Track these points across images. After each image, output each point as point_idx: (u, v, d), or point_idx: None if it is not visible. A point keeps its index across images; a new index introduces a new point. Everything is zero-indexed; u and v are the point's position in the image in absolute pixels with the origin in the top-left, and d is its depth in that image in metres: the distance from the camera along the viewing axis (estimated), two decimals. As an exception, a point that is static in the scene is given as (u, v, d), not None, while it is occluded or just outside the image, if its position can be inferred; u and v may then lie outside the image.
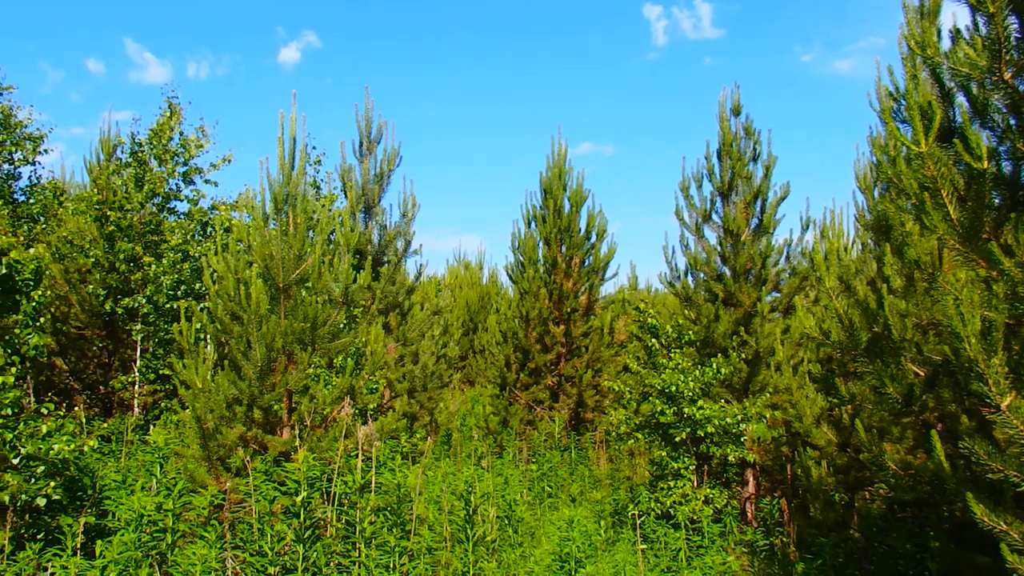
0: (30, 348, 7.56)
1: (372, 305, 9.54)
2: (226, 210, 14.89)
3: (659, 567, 8.25)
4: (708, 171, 11.56)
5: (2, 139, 14.98)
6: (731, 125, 11.39)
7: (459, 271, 30.71)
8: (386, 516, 7.34)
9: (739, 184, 11.28)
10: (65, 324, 14.31)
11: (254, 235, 8.46)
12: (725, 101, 11.46)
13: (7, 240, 7.30)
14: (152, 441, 8.19)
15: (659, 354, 10.81)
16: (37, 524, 6.99)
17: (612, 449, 14.21)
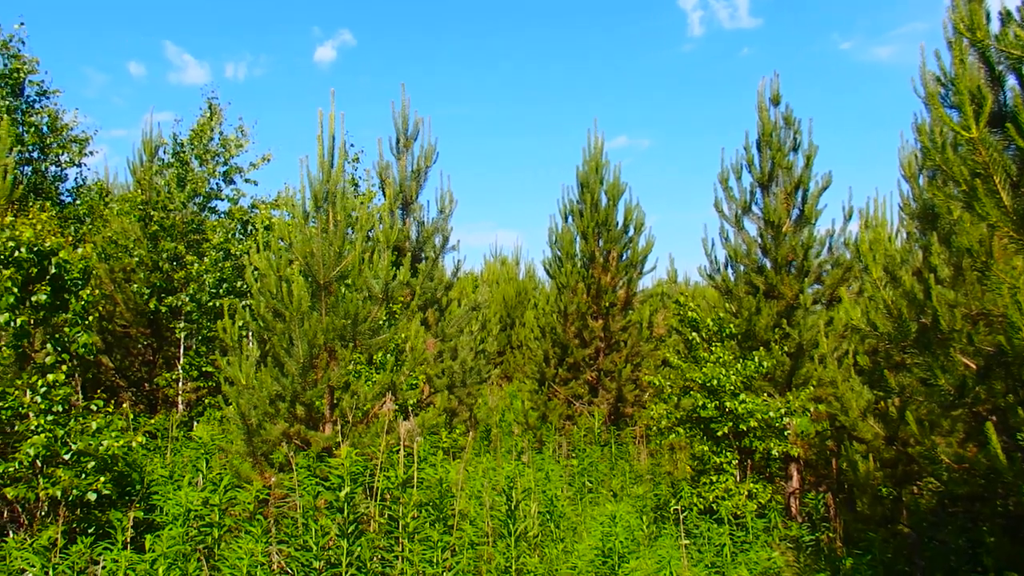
0: (79, 346, 7.70)
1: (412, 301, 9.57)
2: (266, 209, 15.03)
3: (703, 563, 8.17)
4: (747, 162, 11.43)
5: (49, 142, 15.27)
6: (770, 115, 11.24)
7: (496, 267, 30.71)
8: (428, 511, 7.35)
9: (779, 175, 11.13)
10: (111, 323, 14.55)
11: (295, 232, 8.52)
12: (764, 91, 11.31)
13: (56, 241, 7.43)
14: (197, 437, 8.29)
15: (700, 348, 10.72)
16: (88, 518, 7.12)
17: (652, 444, 14.12)
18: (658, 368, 15.18)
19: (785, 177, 11.10)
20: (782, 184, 11.13)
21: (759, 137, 11.33)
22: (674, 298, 12.13)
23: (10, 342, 7.50)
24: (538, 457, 11.84)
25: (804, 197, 11.10)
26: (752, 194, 11.40)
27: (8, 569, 6.18)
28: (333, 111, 8.62)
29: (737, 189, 11.47)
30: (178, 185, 15.24)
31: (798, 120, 11.22)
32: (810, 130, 11.19)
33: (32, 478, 7.11)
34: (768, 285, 11.04)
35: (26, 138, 14.89)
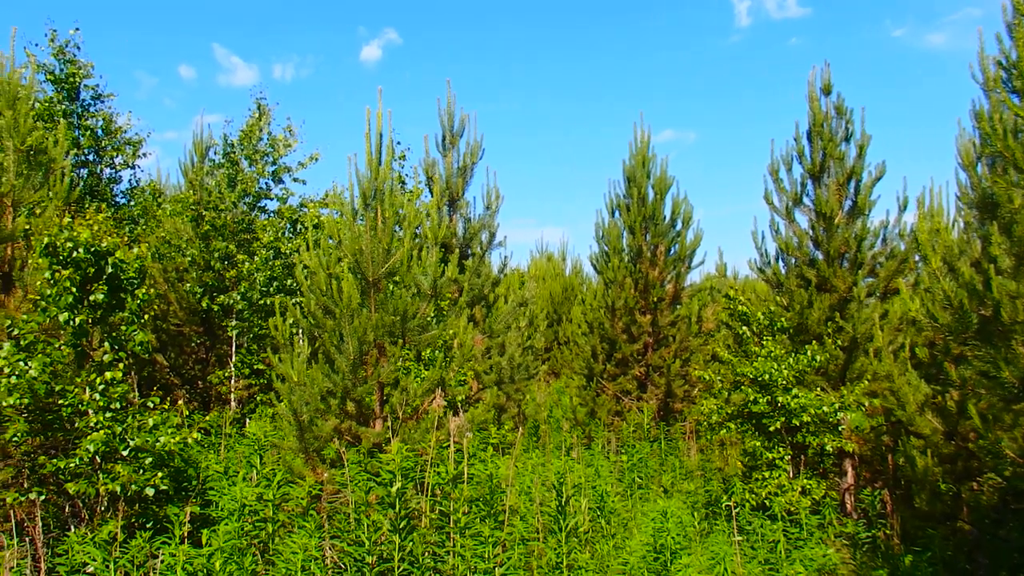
0: (135, 344, 7.85)
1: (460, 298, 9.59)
2: (314, 207, 15.20)
3: (756, 559, 8.06)
4: (798, 153, 11.24)
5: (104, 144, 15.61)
6: (821, 105, 11.03)
7: (542, 263, 30.68)
8: (479, 507, 7.36)
9: (831, 165, 10.92)
10: (165, 322, 14.83)
11: (344, 230, 8.59)
12: (815, 80, 11.10)
13: (112, 241, 7.58)
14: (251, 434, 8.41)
15: (750, 342, 10.58)
16: (146, 513, 7.26)
17: (703, 440, 13.98)
18: (707, 363, 15.01)
19: (837, 168, 10.89)
20: (834, 175, 10.92)
21: (810, 127, 11.13)
22: (723, 292, 11.99)
23: (69, 340, 7.68)
24: (587, 453, 11.80)
25: (857, 188, 10.88)
26: (803, 185, 11.21)
27: (70, 563, 6.33)
28: (380, 108, 8.67)
29: (787, 180, 11.29)
30: (229, 185, 15.48)
31: (850, 109, 11.01)
32: (862, 119, 10.97)
33: (92, 474, 7.27)
34: (820, 278, 10.85)
35: (82, 141, 15.24)
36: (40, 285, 7.73)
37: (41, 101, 14.56)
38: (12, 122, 9.12)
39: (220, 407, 14.65)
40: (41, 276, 7.83)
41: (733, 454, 13.39)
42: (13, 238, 8.98)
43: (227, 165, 15.70)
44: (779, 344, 10.35)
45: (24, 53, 14.67)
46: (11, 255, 9.05)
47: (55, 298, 7.49)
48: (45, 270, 7.58)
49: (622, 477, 11.40)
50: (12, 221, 9.04)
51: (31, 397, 7.24)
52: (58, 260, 7.48)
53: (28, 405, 7.26)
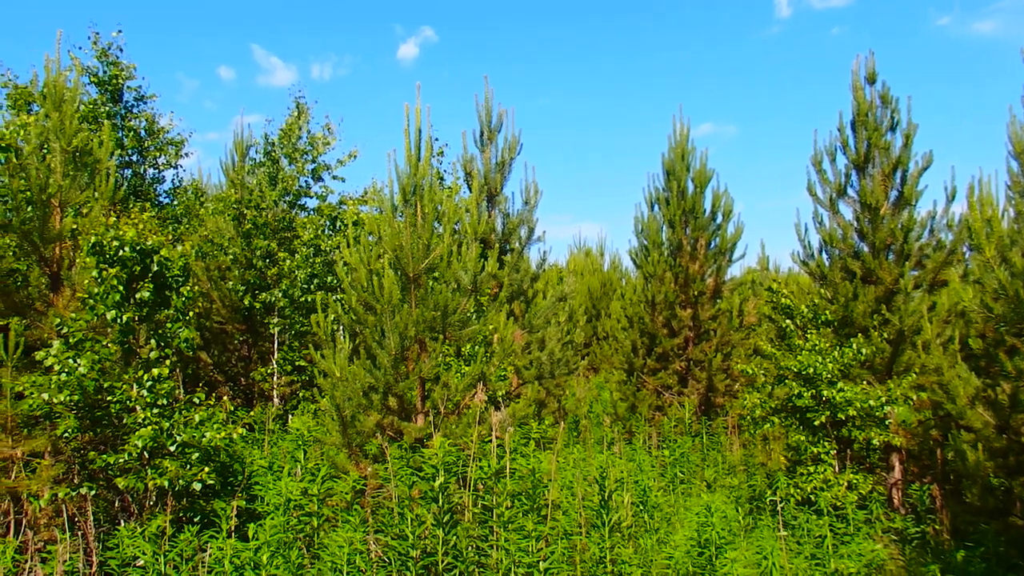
0: (180, 341, 7.95)
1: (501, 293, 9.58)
2: (354, 205, 15.30)
3: (802, 555, 7.94)
4: (842, 143, 11.05)
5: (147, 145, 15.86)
6: (866, 94, 10.83)
7: (580, 258, 30.58)
8: (521, 501, 7.35)
9: (876, 155, 10.72)
10: (208, 319, 15.04)
11: (384, 226, 8.62)
12: (859, 69, 10.90)
13: (157, 239, 7.69)
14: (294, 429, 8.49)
15: (794, 335, 10.43)
16: (193, 508, 7.36)
17: (745, 434, 13.83)
18: (749, 357, 14.84)
19: (882, 158, 10.68)
20: (879, 165, 10.71)
21: (854, 117, 10.93)
22: (765, 285, 11.84)
23: (116, 338, 7.80)
24: (628, 448, 11.73)
25: (903, 178, 10.66)
26: (847, 176, 11.02)
27: (121, 556, 6.44)
28: (419, 104, 8.69)
29: (831, 172, 11.11)
30: (269, 184, 15.64)
31: (895, 98, 10.79)
32: (908, 108, 10.74)
33: (141, 469, 7.39)
34: (865, 270, 10.66)
35: (125, 142, 15.50)
36: (88, 284, 7.87)
37: (85, 103, 14.83)
38: (58, 124, 9.29)
39: (263, 403, 14.82)
40: (88, 275, 7.98)
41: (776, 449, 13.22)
42: (61, 238, 9.14)
43: (267, 164, 15.86)
44: (823, 337, 10.19)
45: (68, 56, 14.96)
46: (59, 255, 9.22)
47: (102, 296, 7.62)
48: (92, 269, 7.71)
49: (664, 472, 11.32)
50: (60, 221, 9.20)
51: (81, 394, 7.37)
52: (105, 259, 7.60)
53: (78, 402, 7.40)
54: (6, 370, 8.08)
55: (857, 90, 10.88)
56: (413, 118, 8.71)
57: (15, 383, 7.77)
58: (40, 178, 8.94)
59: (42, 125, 9.18)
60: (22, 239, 8.94)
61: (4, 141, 8.56)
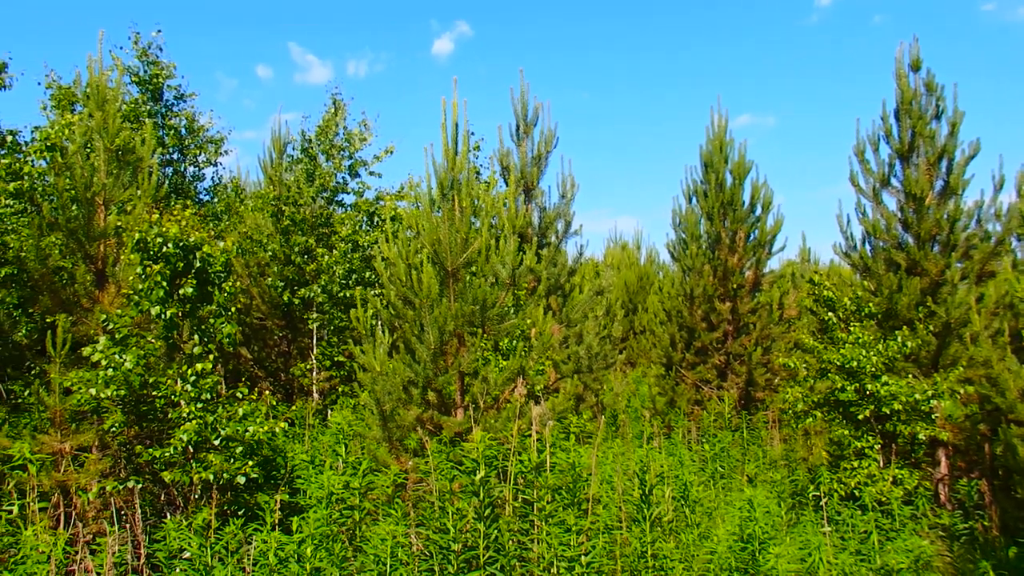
0: (223, 336, 8.04)
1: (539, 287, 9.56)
2: (391, 200, 15.36)
3: (847, 550, 7.83)
4: (885, 132, 10.85)
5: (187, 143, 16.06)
6: (910, 81, 10.62)
7: (616, 252, 30.44)
8: (561, 495, 7.33)
9: (921, 144, 10.51)
10: (248, 315, 15.20)
11: (422, 221, 8.64)
12: (902, 57, 10.69)
13: (200, 236, 7.78)
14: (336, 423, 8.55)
15: (836, 328, 10.28)
16: (237, 501, 7.45)
17: (786, 429, 13.67)
18: (790, 351, 14.66)
19: (927, 147, 10.47)
20: (924, 154, 10.51)
21: (898, 105, 10.73)
22: (807, 278, 11.68)
23: (161, 333, 7.91)
24: (667, 442, 11.65)
25: (949, 167, 10.44)
26: (891, 166, 10.83)
27: (168, 548, 6.53)
28: (455, 98, 8.68)
29: (874, 161, 10.92)
30: (307, 180, 15.75)
31: (940, 86, 10.56)
32: (955, 95, 10.51)
33: (186, 463, 7.49)
34: (910, 261, 10.47)
35: (166, 140, 15.70)
36: (132, 280, 7.99)
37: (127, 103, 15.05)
38: (102, 123, 9.43)
39: (302, 398, 14.96)
40: (133, 271, 8.10)
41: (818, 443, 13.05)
42: (106, 235, 9.29)
43: (305, 160, 15.98)
44: (867, 330, 10.03)
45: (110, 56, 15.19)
46: (104, 252, 9.37)
47: (147, 292, 7.73)
48: (137, 266, 7.82)
49: (704, 467, 11.23)
50: (104, 219, 9.35)
51: (127, 389, 7.49)
52: (149, 255, 7.70)
53: (124, 396, 7.52)
54: (54, 366, 8.23)
55: (901, 78, 10.67)
56: (450, 112, 8.70)
57: (63, 378, 7.92)
58: (85, 177, 9.08)
59: (86, 124, 9.32)
60: (68, 237, 9.10)
61: (50, 141, 8.72)
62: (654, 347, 16.95)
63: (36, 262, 8.94)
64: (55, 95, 14.33)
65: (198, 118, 16.53)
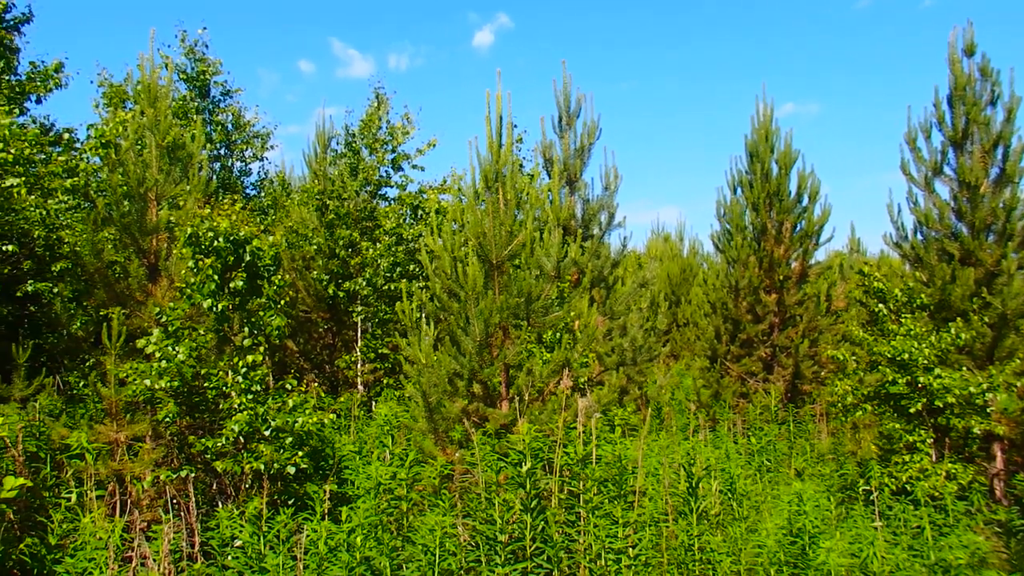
0: (272, 329, 8.15)
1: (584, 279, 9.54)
2: (433, 193, 15.43)
3: (900, 546, 7.70)
4: (937, 119, 10.62)
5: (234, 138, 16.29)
6: (964, 67, 10.38)
7: (659, 244, 30.24)
8: (607, 488, 7.32)
9: (975, 131, 10.27)
10: (294, 308, 15.38)
11: (467, 213, 8.66)
12: (955, 41, 10.45)
13: (250, 230, 7.89)
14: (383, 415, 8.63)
15: (887, 320, 10.10)
16: (287, 491, 7.55)
17: (834, 422, 13.47)
18: (838, 343, 14.44)
19: (982, 134, 10.22)
20: (978, 141, 10.26)
21: (951, 92, 10.49)
22: (856, 269, 11.50)
23: (212, 326, 8.05)
24: (712, 435, 11.56)
25: (1005, 154, 10.18)
26: (943, 154, 10.60)
27: (220, 536, 6.65)
28: (499, 91, 8.68)
29: (926, 149, 10.70)
30: (351, 174, 15.89)
31: (996, 71, 10.31)
32: (1011, 80, 10.27)
33: (237, 453, 7.62)
34: (964, 251, 10.25)
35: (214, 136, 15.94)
36: (184, 274, 8.13)
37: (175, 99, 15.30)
38: (153, 120, 9.61)
39: (347, 390, 15.11)
40: (185, 265, 8.24)
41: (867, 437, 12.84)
42: (158, 230, 9.47)
43: (348, 154, 16.11)
44: (919, 322, 9.85)
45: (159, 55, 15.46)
46: (156, 246, 9.55)
47: (199, 286, 7.86)
48: (189, 259, 7.96)
49: (750, 460, 11.13)
50: (156, 214, 9.53)
51: (180, 380, 7.64)
52: (201, 249, 7.84)
53: (177, 388, 7.67)
54: (109, 358, 8.42)
55: (954, 63, 10.43)
56: (494, 105, 8.71)
57: (118, 370, 8.10)
58: (137, 173, 9.26)
59: (138, 121, 9.50)
60: (122, 232, 9.29)
61: (104, 138, 8.89)
62: (698, 339, 16.81)
63: (91, 256, 9.14)
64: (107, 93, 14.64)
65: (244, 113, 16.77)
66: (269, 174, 17.77)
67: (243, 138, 16.43)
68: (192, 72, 15.69)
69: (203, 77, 15.75)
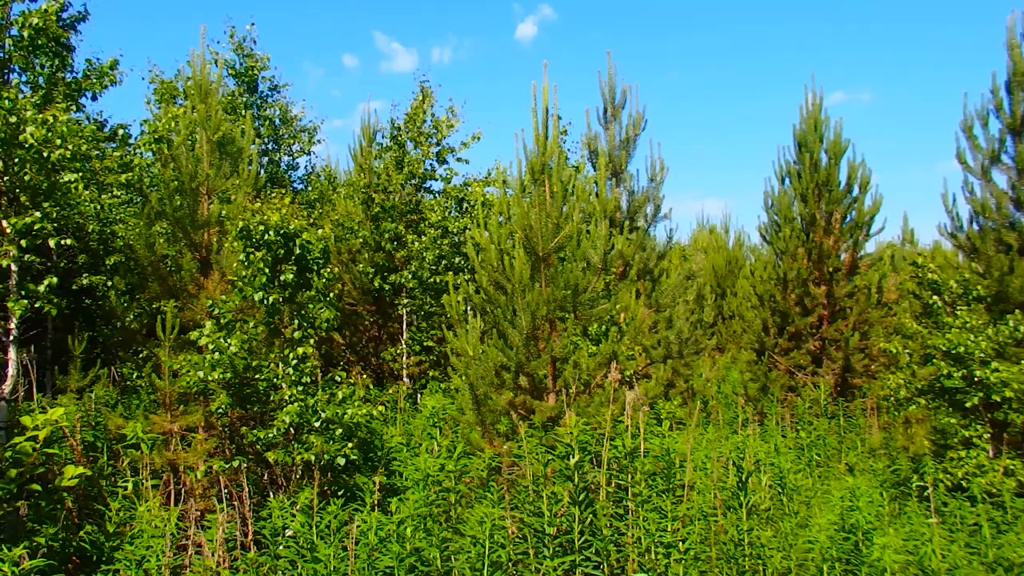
0: (322, 321, 8.24)
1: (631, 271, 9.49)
2: (478, 186, 15.45)
3: (956, 542, 7.54)
4: (995, 106, 10.35)
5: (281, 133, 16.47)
6: (1023, 52, 10.08)
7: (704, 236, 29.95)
8: (656, 481, 7.27)
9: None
10: (340, 301, 15.51)
11: (514, 206, 8.66)
12: (1015, 26, 10.16)
13: (299, 223, 7.98)
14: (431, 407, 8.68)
15: (941, 312, 9.89)
16: (337, 481, 7.64)
17: (886, 416, 13.24)
18: (889, 336, 14.17)
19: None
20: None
21: (1009, 77, 10.21)
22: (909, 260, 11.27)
23: (263, 319, 8.15)
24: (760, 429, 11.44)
25: (1065, 141, 9.91)
26: (1001, 142, 10.32)
27: (272, 526, 6.74)
28: (545, 83, 8.65)
29: (983, 137, 10.43)
30: (396, 167, 15.97)
31: (1056, 55, 10.00)
32: (1073, 65, 9.94)
33: (287, 444, 7.72)
34: (1023, 242, 9.98)
35: (262, 131, 16.13)
36: (236, 267, 8.25)
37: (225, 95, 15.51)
38: (204, 115, 9.74)
39: (393, 383, 15.23)
40: (236, 259, 8.36)
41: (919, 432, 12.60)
42: (209, 224, 9.61)
43: (393, 148, 16.19)
44: (975, 314, 9.62)
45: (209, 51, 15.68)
46: (208, 240, 9.70)
47: (250, 279, 7.97)
48: (240, 253, 8.07)
49: (800, 455, 10.98)
50: (208, 208, 9.67)
51: (232, 372, 7.75)
52: (252, 243, 7.94)
53: (230, 379, 7.78)
54: (163, 350, 8.59)
55: (1013, 48, 10.14)
56: (540, 97, 8.68)
57: (172, 361, 8.25)
58: (189, 167, 9.41)
59: (190, 117, 9.65)
60: (174, 226, 9.45)
61: (157, 133, 9.05)
62: (745, 332, 16.63)
63: (144, 250, 9.32)
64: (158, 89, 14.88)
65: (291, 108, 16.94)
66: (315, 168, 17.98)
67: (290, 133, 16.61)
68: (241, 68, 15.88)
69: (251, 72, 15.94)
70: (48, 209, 7.98)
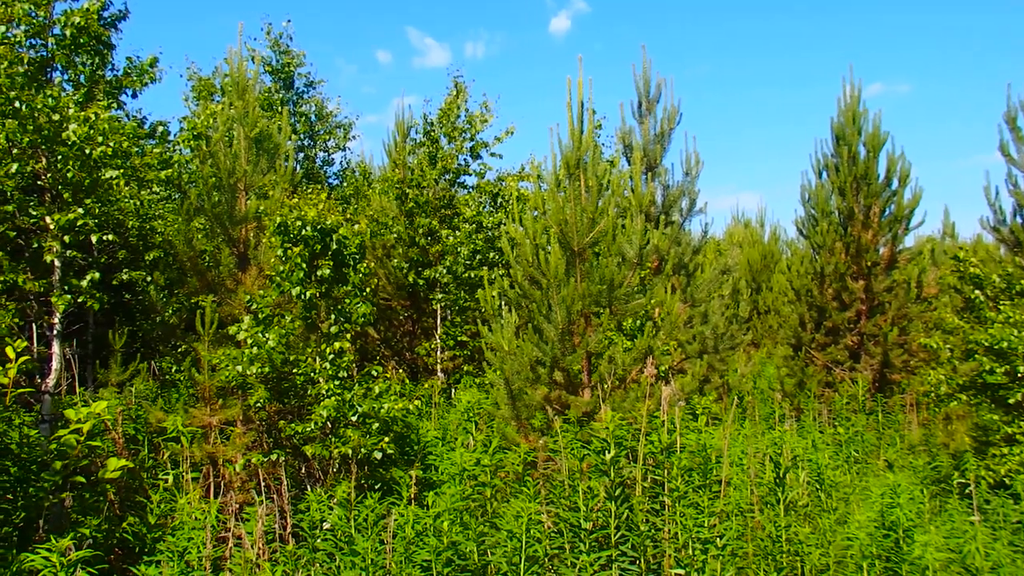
0: (358, 316, 8.30)
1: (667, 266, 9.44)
2: (512, 181, 15.45)
3: (1000, 540, 7.42)
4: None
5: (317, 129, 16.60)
6: (1069, 41, 9.87)
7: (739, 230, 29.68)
8: (692, 477, 7.24)
9: (1081, 109, 9.76)
10: (375, 296, 15.61)
11: (549, 201, 8.65)
12: (1060, 14, 9.95)
13: (336, 219, 8.04)
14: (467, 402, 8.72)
15: (984, 307, 9.72)
16: (374, 475, 7.70)
17: (926, 413, 13.05)
18: (929, 331, 13.96)
19: (1089, 110, 9.72)
20: (1085, 119, 9.76)
21: (1054, 67, 10.00)
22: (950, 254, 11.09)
23: (300, 313, 8.23)
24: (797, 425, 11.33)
25: (1113, 132, 9.68)
26: (1046, 133, 10.11)
27: (310, 519, 6.81)
28: (580, 77, 8.63)
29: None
30: (429, 163, 16.02)
31: (1103, 44, 9.77)
32: (1120, 54, 9.70)
33: (325, 438, 7.79)
34: (1068, 235, 9.78)
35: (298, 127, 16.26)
36: (273, 262, 8.34)
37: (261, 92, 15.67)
38: (242, 112, 9.84)
39: (427, 377, 15.30)
40: (273, 254, 8.45)
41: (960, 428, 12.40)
42: (247, 219, 9.72)
43: (427, 143, 16.24)
44: (1019, 308, 9.44)
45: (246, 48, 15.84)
46: (246, 235, 9.81)
47: (287, 274, 8.05)
48: (277, 248, 8.15)
49: (838, 451, 10.86)
50: (245, 204, 9.78)
51: (270, 366, 7.84)
52: (289, 238, 8.02)
53: (268, 374, 7.87)
54: (202, 344, 8.70)
55: (1058, 38, 9.93)
56: (575, 91, 8.66)
57: (211, 356, 8.36)
58: (227, 164, 9.52)
59: (227, 113, 9.75)
60: (212, 221, 9.57)
61: (196, 130, 9.16)
62: (781, 327, 16.45)
63: (183, 245, 9.44)
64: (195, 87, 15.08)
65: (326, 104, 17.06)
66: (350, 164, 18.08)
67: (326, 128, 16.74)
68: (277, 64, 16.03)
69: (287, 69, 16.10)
70: (90, 205, 8.13)
